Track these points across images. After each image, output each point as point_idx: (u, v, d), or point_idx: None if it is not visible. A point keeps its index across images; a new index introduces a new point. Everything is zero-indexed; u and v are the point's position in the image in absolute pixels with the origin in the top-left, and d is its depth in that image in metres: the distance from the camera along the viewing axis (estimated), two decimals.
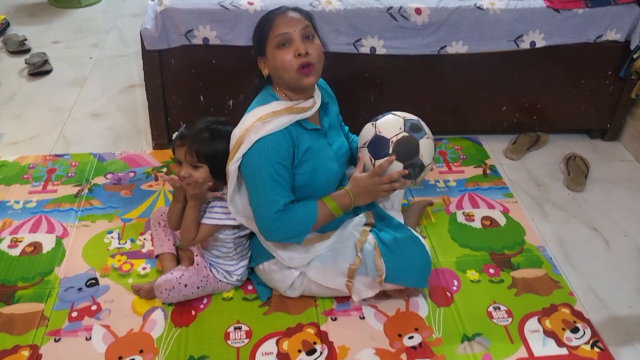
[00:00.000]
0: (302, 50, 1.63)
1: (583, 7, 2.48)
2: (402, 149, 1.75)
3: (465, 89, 2.66)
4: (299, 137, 1.72)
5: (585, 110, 2.77)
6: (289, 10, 1.69)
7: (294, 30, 1.64)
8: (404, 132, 1.76)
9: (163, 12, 2.31)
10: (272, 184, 1.66)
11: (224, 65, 2.44)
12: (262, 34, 1.68)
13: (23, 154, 2.60)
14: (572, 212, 2.43)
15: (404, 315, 1.91)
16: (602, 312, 1.98)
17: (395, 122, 1.79)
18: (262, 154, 1.65)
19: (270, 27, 1.66)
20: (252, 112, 1.72)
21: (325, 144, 1.81)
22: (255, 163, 1.66)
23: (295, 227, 1.71)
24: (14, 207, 2.29)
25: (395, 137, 1.75)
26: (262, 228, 1.72)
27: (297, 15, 1.68)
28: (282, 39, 1.64)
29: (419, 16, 2.42)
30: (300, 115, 1.71)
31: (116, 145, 2.71)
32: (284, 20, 1.66)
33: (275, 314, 1.90)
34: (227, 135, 1.77)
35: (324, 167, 1.77)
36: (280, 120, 1.67)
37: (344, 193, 1.77)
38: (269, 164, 1.65)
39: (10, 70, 3.31)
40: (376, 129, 1.79)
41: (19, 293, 1.93)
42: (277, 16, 1.67)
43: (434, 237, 2.23)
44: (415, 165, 1.76)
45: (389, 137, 1.76)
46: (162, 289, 1.85)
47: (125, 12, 4.10)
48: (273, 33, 1.65)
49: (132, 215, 2.27)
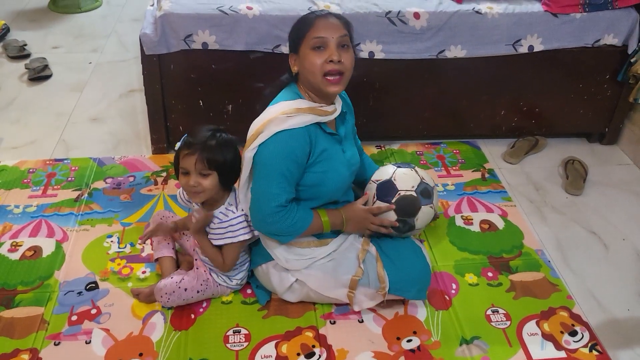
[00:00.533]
0: (335, 57, 1.66)
1: (581, 12, 2.50)
2: (404, 205, 1.85)
3: (464, 93, 2.67)
4: (317, 138, 1.74)
5: (583, 114, 2.78)
6: (330, 15, 1.72)
7: (331, 36, 1.67)
8: (413, 191, 1.85)
9: (162, 17, 2.32)
10: (280, 177, 1.68)
11: (223, 69, 2.45)
12: (300, 32, 1.71)
13: (23, 159, 2.61)
14: (570, 215, 2.44)
15: (402, 319, 1.92)
16: (601, 316, 1.99)
17: (412, 179, 1.89)
18: (279, 146, 1.68)
19: (310, 28, 1.68)
20: (276, 105, 1.75)
21: (339, 150, 1.84)
22: (270, 154, 1.69)
23: (288, 226, 1.73)
24: (14, 211, 2.30)
25: (404, 191, 1.85)
26: (257, 217, 1.74)
27: (337, 22, 1.71)
28: (318, 42, 1.67)
29: (417, 20, 2.44)
30: (321, 117, 1.74)
31: (116, 149, 2.71)
32: (324, 24, 1.68)
33: (274, 317, 1.90)
34: (231, 143, 1.81)
35: (336, 171, 1.80)
36: (302, 118, 1.70)
37: (337, 214, 1.83)
38: (282, 157, 1.68)
39: (10, 75, 3.32)
40: (393, 175, 1.88)
41: (19, 297, 1.93)
42: (318, 17, 1.70)
43: (433, 241, 2.24)
44: (407, 224, 1.87)
45: (399, 188, 1.85)
46: (162, 293, 1.85)
47: (125, 17, 4.12)
48: (311, 34, 1.68)
49: (132, 220, 2.28)
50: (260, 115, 1.76)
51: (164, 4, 2.37)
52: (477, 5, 2.49)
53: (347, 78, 1.73)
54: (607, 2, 2.48)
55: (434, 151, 2.77)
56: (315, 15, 1.72)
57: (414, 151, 2.76)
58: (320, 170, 1.76)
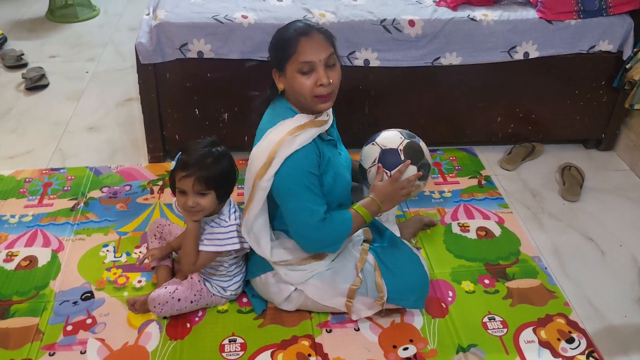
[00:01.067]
0: (324, 81, 1.64)
1: (575, 18, 2.50)
2: (411, 153, 1.87)
3: (460, 100, 2.68)
4: (322, 148, 1.75)
5: (579, 120, 2.78)
6: (314, 32, 1.66)
7: (318, 59, 1.63)
8: (406, 139, 1.90)
9: (158, 26, 2.33)
10: (309, 194, 1.68)
11: (218, 78, 2.46)
12: (285, 53, 1.66)
13: (19, 168, 2.61)
14: (567, 222, 2.44)
15: (398, 327, 1.91)
16: (598, 322, 1.98)
17: (394, 135, 1.93)
18: (296, 166, 1.67)
19: (295, 51, 1.63)
20: (277, 126, 1.71)
21: (337, 154, 1.85)
22: (290, 178, 1.68)
23: (335, 235, 1.75)
24: (10, 221, 2.29)
25: (401, 145, 1.88)
26: (304, 239, 1.74)
27: (322, 40, 1.66)
28: (306, 67, 1.63)
29: (412, 28, 2.44)
30: (322, 128, 1.74)
31: (112, 158, 2.71)
32: (310, 46, 1.63)
33: (270, 326, 1.90)
34: (226, 155, 1.80)
35: (341, 176, 1.81)
36: (307, 134, 1.69)
37: (371, 201, 1.81)
38: (304, 175, 1.68)
39: (7, 84, 3.33)
40: (380, 146, 1.90)
41: (14, 307, 1.93)
42: (302, 38, 1.64)
43: (429, 248, 2.24)
44: (425, 165, 1.90)
45: (395, 147, 1.88)
46: (156, 303, 1.85)
47: (122, 26, 4.13)
48: (297, 58, 1.63)
49: (128, 229, 2.27)
50: (261, 142, 1.72)
51: (160, 13, 2.38)
52: (472, 12, 2.50)
53: (336, 92, 1.72)
54: (602, 8, 2.49)
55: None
56: (299, 34, 1.65)
57: None
58: (329, 179, 1.76)
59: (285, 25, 1.73)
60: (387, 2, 2.59)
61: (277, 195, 1.72)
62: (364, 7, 2.51)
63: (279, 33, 1.72)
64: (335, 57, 1.69)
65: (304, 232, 1.72)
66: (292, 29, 1.68)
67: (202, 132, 2.55)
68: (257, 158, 1.71)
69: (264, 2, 2.53)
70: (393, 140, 1.90)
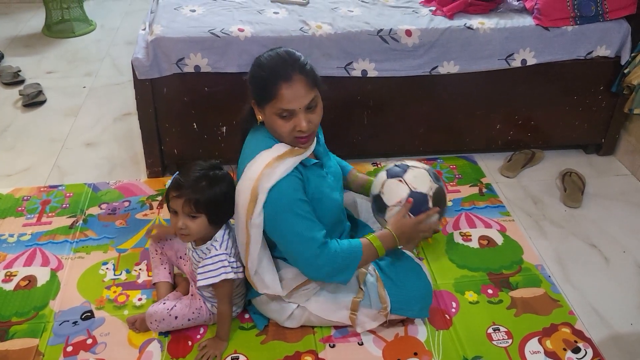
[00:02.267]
0: (303, 127, 1.61)
1: (572, 24, 2.50)
2: (439, 200, 1.84)
3: (459, 109, 2.67)
4: (306, 176, 1.71)
5: (579, 126, 2.77)
6: (295, 76, 1.57)
7: (298, 107, 1.59)
8: (435, 184, 1.85)
9: (154, 42, 2.32)
10: (303, 222, 1.65)
11: (216, 92, 2.45)
12: (264, 95, 1.60)
13: (17, 186, 2.59)
14: (569, 228, 2.42)
15: (402, 340, 1.89)
16: (604, 331, 1.96)
17: (422, 175, 1.85)
18: (283, 197, 1.64)
19: (274, 96, 1.58)
20: (256, 159, 1.68)
21: (322, 176, 1.79)
22: (279, 209, 1.64)
23: (341, 262, 1.69)
24: (8, 240, 2.28)
25: (431, 191, 1.82)
26: (307, 268, 1.71)
27: (304, 86, 1.59)
28: (285, 113, 1.60)
29: (409, 38, 2.44)
30: (303, 155, 1.70)
31: (111, 174, 2.70)
32: (290, 92, 1.57)
33: (273, 342, 1.88)
34: (225, 179, 1.76)
35: (329, 200, 1.77)
36: (287, 163, 1.66)
37: (388, 234, 1.76)
38: (293, 204, 1.64)
39: (4, 101, 3.32)
40: (409, 186, 1.82)
41: (14, 329, 1.91)
42: (283, 84, 1.57)
43: (432, 259, 2.22)
44: (445, 211, 1.89)
45: (425, 192, 1.81)
46: (152, 319, 1.83)
47: (119, 41, 4.12)
48: (276, 104, 1.58)
49: (127, 246, 2.26)
50: (242, 179, 1.69)
51: (156, 28, 2.37)
52: (468, 21, 2.50)
53: (317, 128, 1.70)
54: (598, 14, 2.48)
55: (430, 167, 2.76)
56: (279, 78, 1.57)
57: None
58: (317, 204, 1.72)
59: (266, 58, 1.64)
60: (383, 12, 2.58)
61: (270, 229, 1.68)
62: (361, 17, 2.51)
63: (259, 70, 1.63)
64: (317, 98, 1.64)
65: (306, 261, 1.68)
66: (272, 70, 1.59)
67: (201, 146, 2.56)
68: (242, 197, 1.67)
69: (261, 15, 2.52)
70: (423, 183, 1.82)
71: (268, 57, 1.64)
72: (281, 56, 1.63)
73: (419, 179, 1.83)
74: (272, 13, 2.55)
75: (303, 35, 2.38)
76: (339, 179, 1.89)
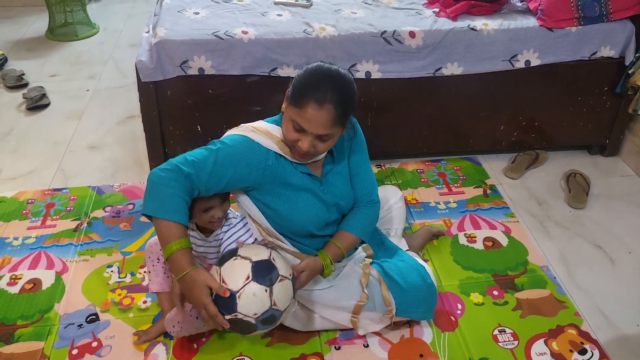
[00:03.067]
0: (304, 148, 1.61)
1: (576, 25, 2.49)
2: (238, 326, 1.58)
3: (463, 110, 2.66)
4: (278, 170, 1.70)
5: (583, 127, 2.77)
6: (328, 104, 1.55)
7: (311, 131, 1.59)
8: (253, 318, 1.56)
9: (158, 44, 2.32)
10: (198, 154, 1.63)
11: (220, 94, 2.45)
12: (295, 98, 1.60)
13: (21, 189, 2.59)
14: (574, 229, 2.41)
15: (408, 342, 1.89)
16: (610, 332, 1.95)
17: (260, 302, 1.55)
18: (226, 139, 1.68)
19: (300, 107, 1.58)
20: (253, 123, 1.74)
21: (312, 192, 1.76)
22: (218, 140, 1.69)
23: (158, 180, 1.60)
24: (13, 243, 2.28)
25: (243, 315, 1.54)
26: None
27: (329, 118, 1.57)
28: (297, 126, 1.61)
29: (413, 39, 2.43)
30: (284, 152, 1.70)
31: (115, 177, 2.70)
32: (312, 116, 1.56)
33: (278, 344, 1.87)
34: None
35: (306, 206, 1.74)
36: (266, 141, 1.69)
37: (184, 254, 1.56)
38: (220, 143, 1.66)
39: (8, 105, 3.33)
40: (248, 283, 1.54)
41: (19, 332, 1.90)
42: (313, 103, 1.55)
43: (437, 260, 2.21)
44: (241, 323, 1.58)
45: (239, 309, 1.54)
46: (174, 322, 1.80)
47: (122, 43, 4.13)
48: (297, 111, 1.59)
49: (132, 248, 2.26)
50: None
51: (159, 30, 2.37)
52: (472, 22, 2.49)
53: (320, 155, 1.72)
54: (602, 14, 2.48)
55: (434, 168, 2.75)
56: (312, 98, 1.55)
57: (414, 169, 2.74)
58: (282, 206, 1.72)
59: (321, 68, 1.63)
60: (387, 14, 2.58)
61: None
62: (364, 19, 2.51)
63: (307, 75, 1.62)
64: (335, 136, 1.64)
65: (168, 162, 1.64)
66: (314, 83, 1.59)
67: None
68: None
69: (264, 17, 2.52)
70: (251, 305, 1.54)
71: (322, 70, 1.63)
72: (332, 77, 1.61)
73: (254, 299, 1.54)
74: (275, 15, 2.55)
75: (307, 37, 2.38)
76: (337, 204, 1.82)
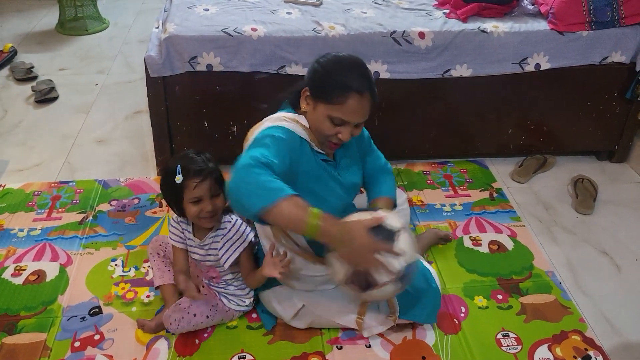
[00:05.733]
0: (346, 139, 1.61)
1: (587, 30, 2.48)
2: (405, 275, 1.55)
3: (471, 112, 2.65)
4: (303, 157, 1.65)
5: (592, 132, 2.75)
6: (367, 94, 1.57)
7: (353, 121, 1.59)
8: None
9: (167, 40, 2.32)
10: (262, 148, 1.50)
11: (228, 91, 2.45)
12: (328, 94, 1.57)
13: (28, 181, 2.60)
14: (581, 235, 2.40)
15: (410, 344, 1.88)
16: (614, 339, 1.94)
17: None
18: (270, 130, 1.58)
19: (339, 102, 1.56)
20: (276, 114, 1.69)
21: (332, 176, 1.74)
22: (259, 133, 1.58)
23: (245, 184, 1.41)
24: (18, 235, 2.28)
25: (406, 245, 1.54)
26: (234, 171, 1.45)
27: (368, 106, 1.59)
28: (338, 121, 1.59)
29: (422, 40, 2.43)
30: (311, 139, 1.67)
31: (121, 171, 2.70)
32: (356, 107, 1.56)
33: (280, 342, 1.87)
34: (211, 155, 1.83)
35: (324, 198, 1.69)
36: (298, 128, 1.64)
37: (338, 223, 1.46)
38: (267, 137, 1.54)
39: (17, 97, 3.34)
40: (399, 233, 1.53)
41: (22, 323, 1.91)
42: (355, 96, 1.55)
43: (441, 263, 2.20)
44: (403, 284, 1.57)
45: (399, 227, 1.54)
46: (172, 319, 1.82)
47: (132, 39, 4.14)
48: (336, 109, 1.57)
49: (136, 243, 2.26)
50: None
51: (169, 26, 2.38)
52: (482, 24, 2.48)
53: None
54: (614, 19, 2.47)
55: (441, 170, 2.74)
56: (353, 89, 1.54)
57: (420, 171, 2.73)
58: (306, 191, 1.62)
59: (347, 59, 1.62)
60: (396, 14, 2.58)
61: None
62: (374, 19, 2.50)
63: (336, 66, 1.60)
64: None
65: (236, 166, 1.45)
66: (350, 74, 1.57)
67: (211, 145, 2.55)
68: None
69: (274, 15, 2.52)
70: (407, 243, 1.54)
71: (350, 60, 1.62)
72: (361, 66, 1.61)
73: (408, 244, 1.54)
74: (285, 13, 2.55)
75: (316, 36, 2.38)
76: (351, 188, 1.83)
